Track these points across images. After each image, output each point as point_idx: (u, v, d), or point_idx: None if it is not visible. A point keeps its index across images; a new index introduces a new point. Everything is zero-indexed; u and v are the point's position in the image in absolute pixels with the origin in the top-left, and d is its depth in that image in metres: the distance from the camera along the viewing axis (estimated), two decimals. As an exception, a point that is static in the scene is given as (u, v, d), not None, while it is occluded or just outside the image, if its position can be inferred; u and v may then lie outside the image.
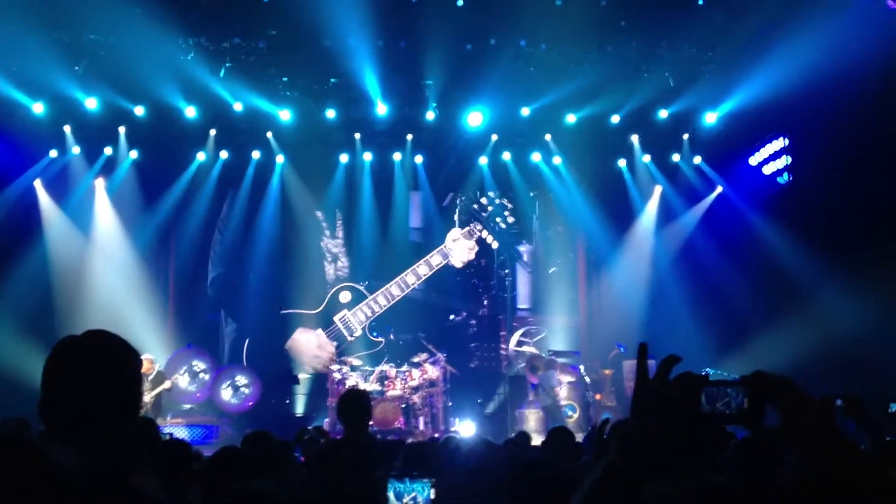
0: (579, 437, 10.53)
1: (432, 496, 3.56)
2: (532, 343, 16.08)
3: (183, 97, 14.06)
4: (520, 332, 16.39)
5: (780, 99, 12.93)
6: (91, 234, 14.95)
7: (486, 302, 16.85)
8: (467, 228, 16.42)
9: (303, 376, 15.73)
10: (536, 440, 7.83)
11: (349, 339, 16.14)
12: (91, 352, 2.02)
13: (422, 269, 16.30)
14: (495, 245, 16.58)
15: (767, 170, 14.22)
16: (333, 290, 16.37)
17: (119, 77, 13.37)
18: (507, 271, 16.79)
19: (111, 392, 1.97)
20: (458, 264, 16.42)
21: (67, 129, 14.48)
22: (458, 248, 16.39)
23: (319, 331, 16.13)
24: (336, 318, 16.21)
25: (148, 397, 12.52)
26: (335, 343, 16.07)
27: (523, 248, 17.00)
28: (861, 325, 11.07)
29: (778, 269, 13.10)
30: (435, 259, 16.32)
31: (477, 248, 16.47)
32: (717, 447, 3.43)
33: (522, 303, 16.94)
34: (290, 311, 16.22)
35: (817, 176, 12.75)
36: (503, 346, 16.54)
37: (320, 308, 16.27)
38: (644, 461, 1.54)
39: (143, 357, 10.22)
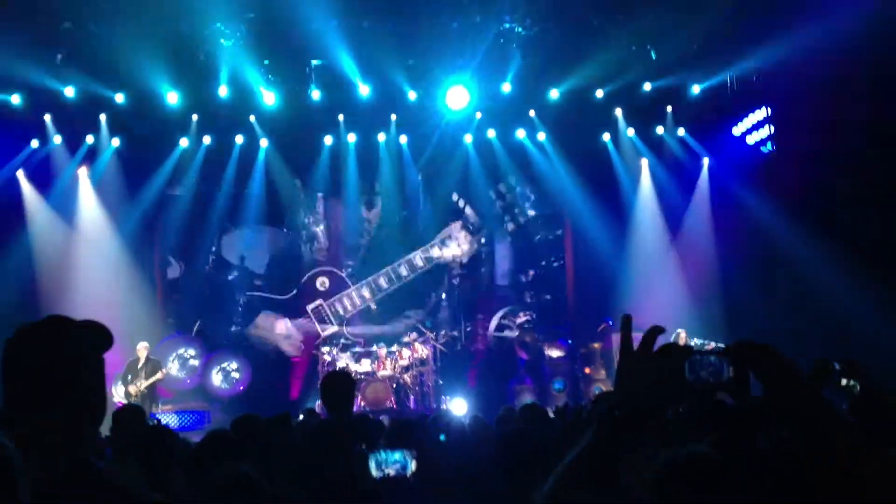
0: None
1: (413, 467, 3.60)
2: (516, 327, 16.04)
3: (164, 83, 13.89)
4: (499, 314, 16.34)
5: (760, 69, 12.92)
6: (76, 223, 14.82)
7: (456, 282, 16.70)
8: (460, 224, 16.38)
9: (296, 360, 15.70)
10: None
11: (321, 332, 15.98)
12: (42, 341, 1.93)
13: (418, 261, 16.28)
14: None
15: (751, 139, 14.23)
16: (309, 274, 16.26)
17: (98, 64, 13.23)
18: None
19: (63, 382, 1.88)
20: (451, 258, 16.41)
21: (48, 118, 14.32)
22: (457, 243, 16.36)
23: (286, 320, 16.03)
24: (309, 308, 16.09)
25: (143, 386, 12.47)
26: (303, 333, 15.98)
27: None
28: (854, 302, 10.95)
29: (765, 238, 13.13)
30: (435, 251, 16.28)
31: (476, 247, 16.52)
32: (702, 416, 3.44)
33: (501, 280, 16.84)
34: (256, 293, 16.08)
35: (801, 144, 12.73)
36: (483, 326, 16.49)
37: (292, 293, 16.18)
38: (627, 431, 1.53)
39: (139, 345, 10.28)
